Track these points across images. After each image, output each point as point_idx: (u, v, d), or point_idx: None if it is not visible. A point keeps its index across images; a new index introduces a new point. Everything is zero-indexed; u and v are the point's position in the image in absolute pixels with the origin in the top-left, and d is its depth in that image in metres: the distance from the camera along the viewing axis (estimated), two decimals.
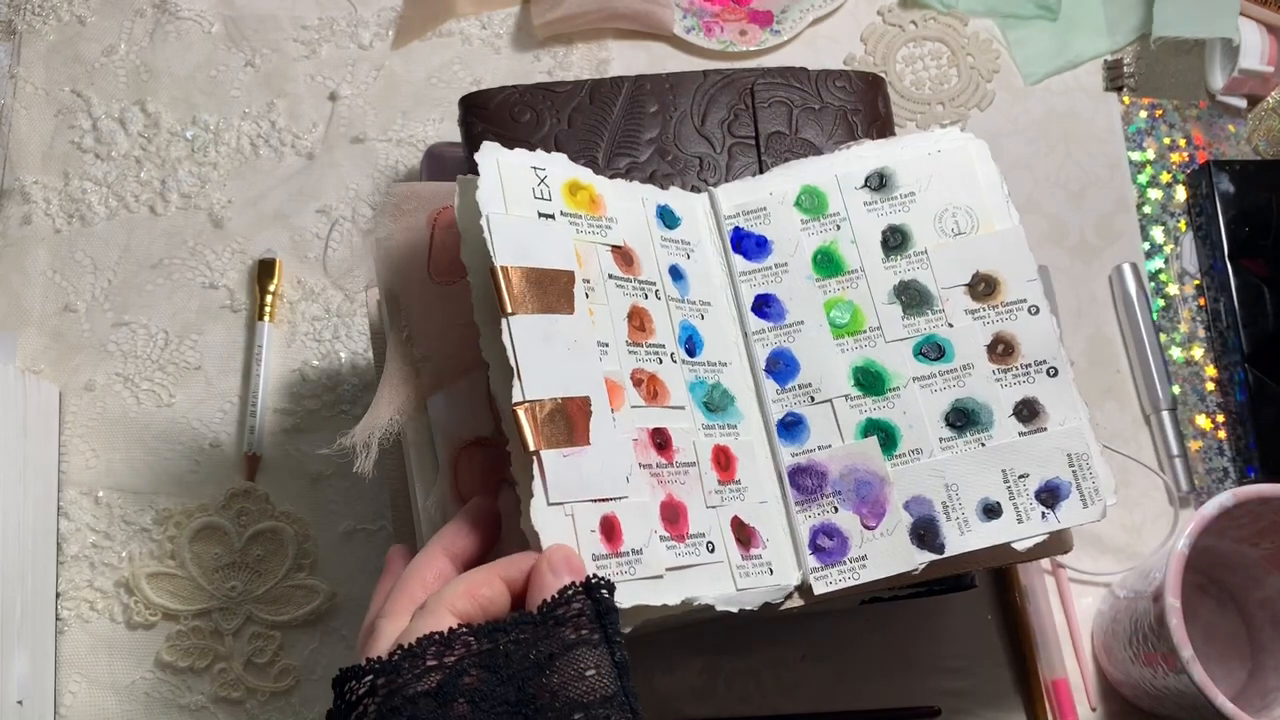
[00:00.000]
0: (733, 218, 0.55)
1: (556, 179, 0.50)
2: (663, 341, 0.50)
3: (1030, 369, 0.51)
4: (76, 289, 0.71)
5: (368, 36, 0.78)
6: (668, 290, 0.51)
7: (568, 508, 0.43)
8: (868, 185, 0.55)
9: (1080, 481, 0.49)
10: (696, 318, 0.52)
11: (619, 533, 0.44)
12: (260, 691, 0.63)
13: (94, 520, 0.66)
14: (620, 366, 0.48)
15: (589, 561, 0.42)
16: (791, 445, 0.51)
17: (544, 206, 0.48)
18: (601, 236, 0.50)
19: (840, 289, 0.53)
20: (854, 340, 0.52)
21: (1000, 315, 0.52)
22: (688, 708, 0.63)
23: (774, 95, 0.62)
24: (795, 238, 0.54)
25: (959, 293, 0.52)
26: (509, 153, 0.49)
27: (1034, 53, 0.79)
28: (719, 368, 0.52)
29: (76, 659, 0.64)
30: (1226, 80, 0.76)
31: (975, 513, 0.49)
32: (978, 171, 0.54)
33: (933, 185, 0.54)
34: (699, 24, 0.78)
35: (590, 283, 0.48)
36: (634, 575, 0.44)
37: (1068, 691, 0.63)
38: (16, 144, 0.75)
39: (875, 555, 0.49)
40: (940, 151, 0.55)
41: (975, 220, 0.53)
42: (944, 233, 0.53)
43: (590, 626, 0.38)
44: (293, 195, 0.74)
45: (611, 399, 0.46)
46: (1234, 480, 0.69)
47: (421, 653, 0.36)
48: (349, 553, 0.66)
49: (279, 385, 0.69)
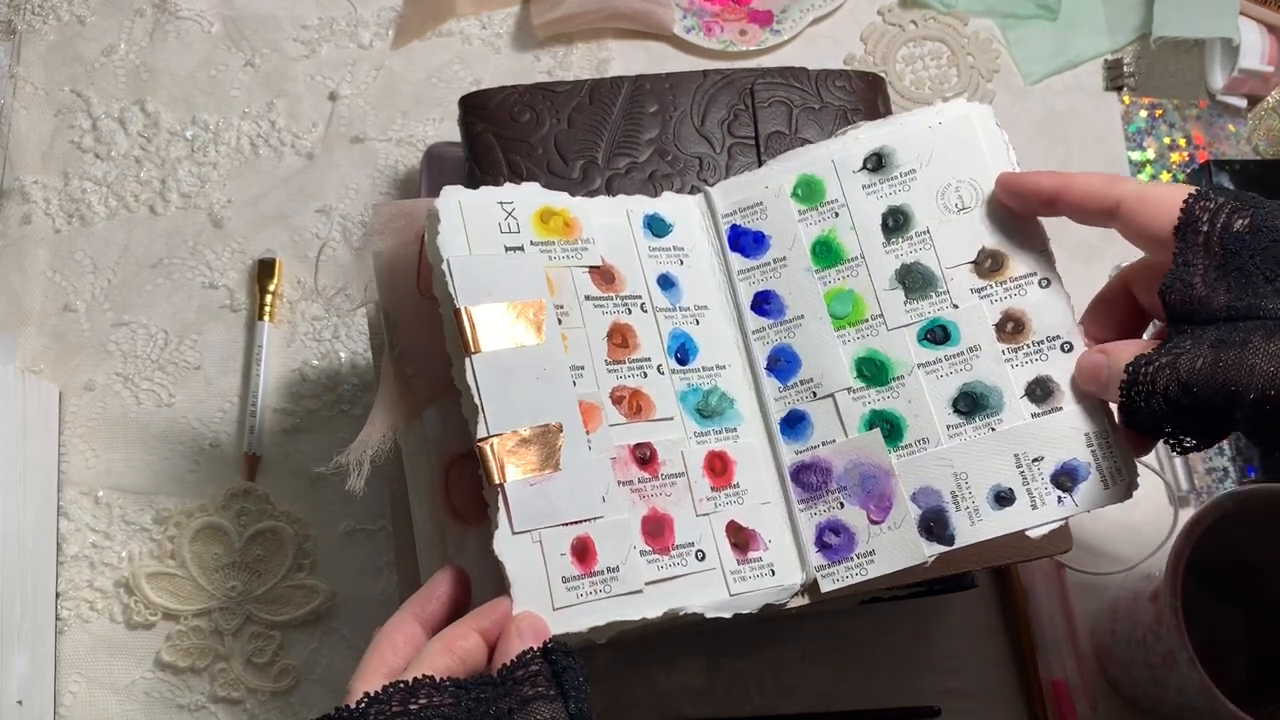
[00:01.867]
0: (730, 215, 0.54)
1: (525, 210, 0.50)
2: (648, 355, 0.51)
3: (1043, 345, 0.48)
4: (76, 289, 0.71)
5: (368, 36, 0.78)
6: (655, 301, 0.52)
7: (535, 535, 0.45)
8: (865, 167, 0.52)
9: (1100, 460, 0.47)
10: (690, 324, 0.52)
11: (593, 553, 0.46)
12: (260, 691, 0.63)
13: (94, 520, 0.66)
14: (598, 387, 0.49)
15: (558, 584, 0.44)
16: (795, 443, 0.51)
17: (511, 240, 0.49)
18: (577, 259, 0.51)
19: (840, 279, 0.52)
20: (855, 330, 0.51)
21: (1009, 291, 0.50)
22: (688, 708, 0.63)
23: (774, 95, 0.62)
24: (793, 230, 0.53)
25: (964, 271, 0.50)
26: (472, 193, 0.49)
27: (1034, 52, 0.79)
28: (715, 372, 0.52)
29: (76, 659, 0.64)
30: (1226, 80, 0.76)
31: (986, 501, 0.48)
32: (981, 139, 0.51)
33: (934, 160, 0.52)
34: (699, 24, 0.78)
35: (564, 308, 0.49)
36: (609, 593, 0.45)
37: (1067, 691, 0.63)
38: (16, 144, 0.75)
39: (883, 550, 0.49)
40: (941, 124, 0.52)
41: (979, 192, 0.51)
42: (947, 209, 0.51)
43: (546, 684, 0.40)
44: (293, 195, 0.74)
45: (586, 421, 0.47)
46: (1234, 480, 0.69)
47: (387, 699, 0.39)
48: (349, 553, 0.66)
49: (279, 385, 0.69)
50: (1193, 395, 0.41)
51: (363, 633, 0.63)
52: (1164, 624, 0.54)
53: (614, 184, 0.60)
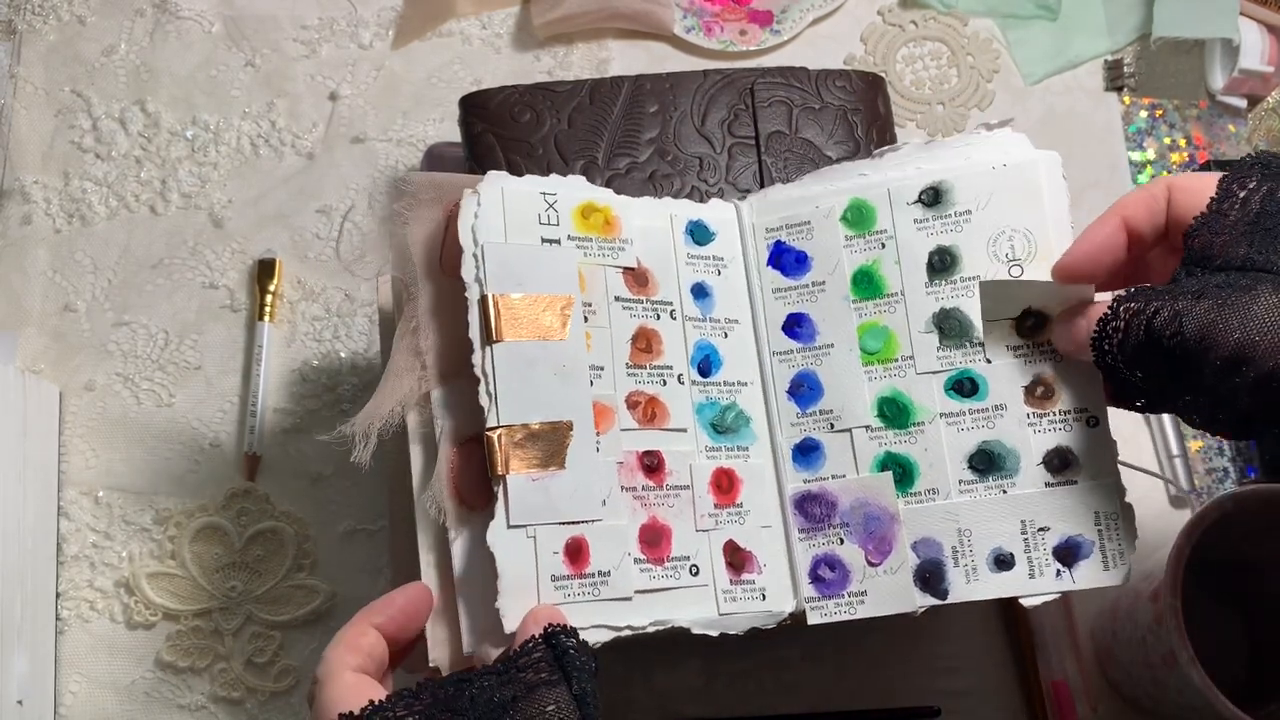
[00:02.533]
0: (775, 230, 0.53)
1: (568, 203, 0.50)
2: (670, 363, 0.50)
3: (1069, 416, 0.48)
4: (76, 289, 0.71)
5: (368, 36, 0.78)
6: (686, 310, 0.51)
7: (530, 530, 0.45)
8: (921, 200, 0.50)
9: (1105, 542, 0.47)
10: (719, 336, 0.52)
11: (586, 555, 0.46)
12: (260, 691, 0.63)
13: (94, 520, 0.66)
14: (615, 390, 0.48)
15: (548, 583, 0.44)
16: (805, 471, 0.50)
17: (549, 232, 0.49)
18: (613, 259, 0.50)
19: (877, 313, 0.51)
20: (884, 368, 0.50)
21: (1044, 355, 0.48)
22: (688, 708, 0.63)
23: (774, 95, 0.62)
24: (837, 255, 0.51)
25: (1003, 326, 0.48)
26: (517, 180, 0.49)
27: (1034, 53, 0.79)
28: (736, 388, 0.52)
29: (76, 659, 0.64)
30: (1226, 80, 0.76)
31: (986, 562, 0.47)
32: (1044, 191, 0.49)
33: (992, 204, 0.50)
34: (699, 24, 0.78)
35: (592, 305, 0.49)
36: (598, 596, 0.45)
37: (1068, 692, 0.63)
38: (16, 144, 0.75)
39: (875, 592, 0.48)
40: (1006, 166, 0.50)
41: (1033, 245, 0.49)
42: (996, 258, 0.49)
43: (549, 669, 0.41)
44: (293, 195, 0.74)
45: (598, 422, 0.47)
46: (1234, 480, 0.69)
47: (392, 706, 0.39)
48: (349, 553, 0.66)
49: (279, 385, 0.69)
50: (1181, 338, 0.41)
51: None
52: (1164, 624, 0.54)
53: (614, 184, 0.60)
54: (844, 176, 0.53)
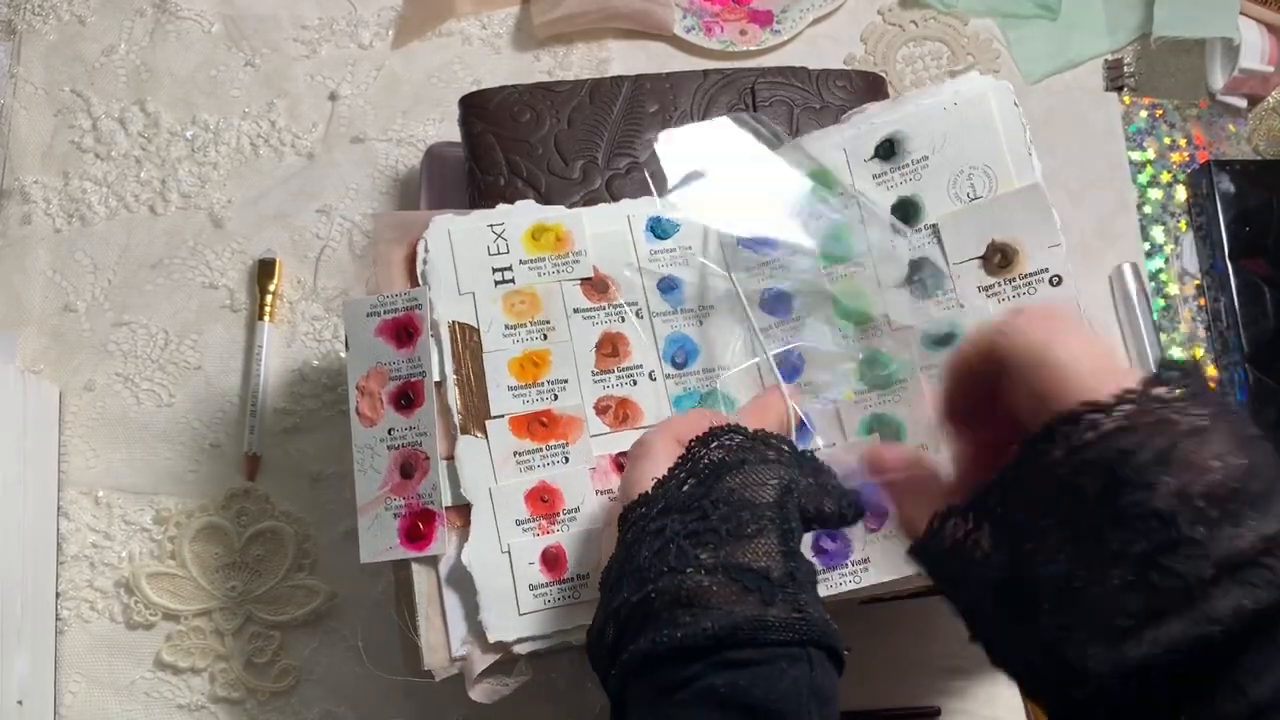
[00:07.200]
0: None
1: (516, 229, 0.51)
2: (640, 362, 0.51)
3: None
4: (76, 289, 0.71)
5: (368, 36, 0.78)
6: (654, 306, 0.52)
7: (503, 545, 0.47)
8: (877, 155, 0.51)
9: None
10: (693, 325, 0.52)
11: (564, 561, 0.47)
12: (260, 691, 0.63)
13: (94, 520, 0.66)
14: (582, 399, 0.50)
15: (526, 592, 0.46)
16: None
17: (499, 261, 0.51)
18: (568, 273, 0.51)
19: (848, 275, 0.51)
20: (860, 330, 0.50)
21: (1018, 289, 0.48)
22: None
23: (774, 95, 0.62)
24: (805, 224, 0.52)
25: (971, 268, 0.48)
26: (464, 218, 0.51)
27: (1034, 52, 0.79)
28: (716, 374, 0.52)
29: (76, 659, 0.64)
30: (1227, 80, 0.76)
31: None
32: (998, 121, 0.49)
33: (947, 145, 0.49)
34: (699, 24, 0.78)
35: (550, 323, 0.50)
36: (578, 599, 0.47)
37: None
38: (16, 144, 0.75)
39: (879, 558, 0.48)
40: (957, 104, 0.50)
41: (993, 180, 0.49)
42: (958, 199, 0.49)
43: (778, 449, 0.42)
44: (293, 195, 0.74)
45: (566, 435, 0.49)
46: None
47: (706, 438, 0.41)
48: (349, 553, 0.66)
49: (279, 385, 0.69)
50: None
51: (362, 633, 0.63)
52: None
53: (614, 184, 0.60)
54: (801, 144, 0.53)
